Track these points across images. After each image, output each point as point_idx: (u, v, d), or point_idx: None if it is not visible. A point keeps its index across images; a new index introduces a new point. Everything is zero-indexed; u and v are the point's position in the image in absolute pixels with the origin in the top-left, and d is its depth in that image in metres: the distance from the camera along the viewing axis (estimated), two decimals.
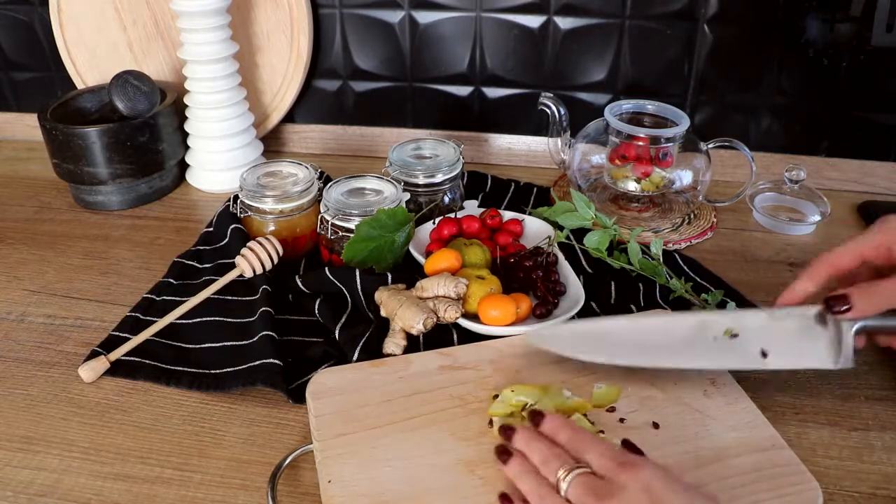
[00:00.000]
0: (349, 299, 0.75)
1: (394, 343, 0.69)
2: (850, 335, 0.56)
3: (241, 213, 0.86)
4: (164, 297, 0.79)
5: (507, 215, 0.86)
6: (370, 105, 1.11)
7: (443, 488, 0.53)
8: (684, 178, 0.90)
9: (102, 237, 0.92)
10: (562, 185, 1.03)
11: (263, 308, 0.73)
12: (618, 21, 0.98)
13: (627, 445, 0.54)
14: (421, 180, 0.87)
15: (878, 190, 1.01)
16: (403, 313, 0.68)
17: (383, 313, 0.71)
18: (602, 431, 0.58)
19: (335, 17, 1.05)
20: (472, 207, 0.89)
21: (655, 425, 0.59)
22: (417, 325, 0.68)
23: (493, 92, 1.07)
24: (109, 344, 0.72)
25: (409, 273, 0.76)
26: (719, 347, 0.59)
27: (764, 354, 0.57)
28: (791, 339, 0.58)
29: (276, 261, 0.79)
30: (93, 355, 0.70)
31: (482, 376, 0.64)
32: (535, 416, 0.54)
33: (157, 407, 0.66)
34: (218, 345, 0.72)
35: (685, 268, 0.82)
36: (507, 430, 0.54)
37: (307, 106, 1.12)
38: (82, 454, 0.61)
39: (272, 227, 0.84)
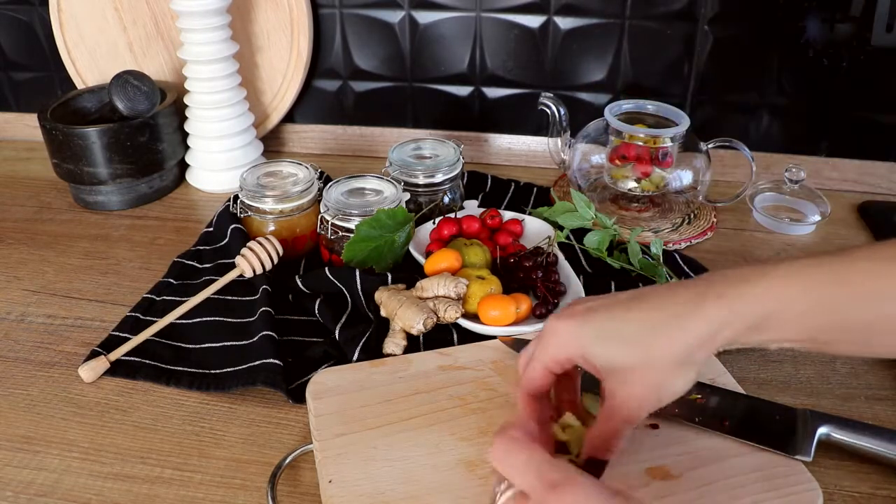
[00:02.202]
0: (349, 299, 0.75)
1: (394, 343, 0.69)
2: (816, 433, 0.57)
3: (241, 213, 0.86)
4: (164, 297, 0.79)
5: (507, 215, 0.86)
6: (370, 105, 1.11)
7: (443, 488, 0.53)
8: (684, 178, 0.90)
9: (102, 237, 0.92)
10: (562, 185, 1.03)
11: (263, 308, 0.73)
12: (618, 21, 0.98)
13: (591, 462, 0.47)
14: (421, 180, 0.87)
15: (878, 190, 1.01)
16: (403, 313, 0.68)
17: (383, 313, 0.71)
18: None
19: (335, 17, 1.05)
20: (472, 207, 0.89)
21: (654, 426, 0.59)
22: (417, 325, 0.68)
23: (493, 92, 1.07)
24: (109, 344, 0.72)
25: (409, 273, 0.76)
26: (684, 402, 0.60)
27: (723, 422, 0.58)
28: (753, 415, 0.59)
29: (276, 261, 0.79)
30: (93, 355, 0.70)
31: (482, 376, 0.64)
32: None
33: (157, 407, 0.66)
34: (218, 345, 0.72)
35: (685, 268, 0.82)
36: None
37: (307, 106, 1.13)
38: (82, 454, 0.61)
39: (272, 227, 0.84)
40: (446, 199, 0.89)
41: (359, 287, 0.74)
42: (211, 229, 0.89)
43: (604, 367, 0.47)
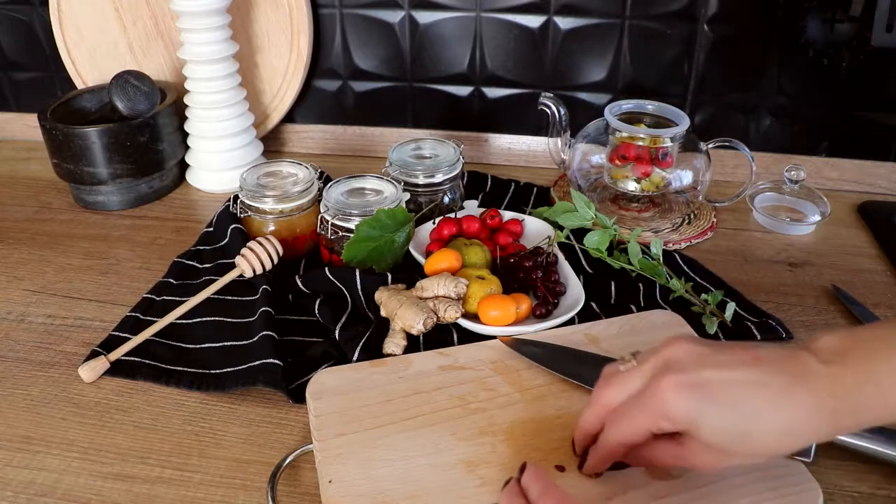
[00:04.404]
0: (349, 299, 0.75)
1: (394, 343, 0.69)
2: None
3: (241, 213, 0.86)
4: (164, 297, 0.79)
5: (507, 215, 0.86)
6: (370, 105, 1.11)
7: (443, 488, 0.53)
8: (684, 178, 0.90)
9: (102, 237, 0.92)
10: (562, 185, 1.03)
11: (263, 308, 0.73)
12: (618, 21, 0.98)
13: None
14: (421, 180, 0.87)
15: (878, 190, 1.01)
16: (403, 313, 0.68)
17: (383, 313, 0.71)
18: None
19: (335, 17, 1.05)
20: (472, 207, 0.89)
21: None
22: (417, 325, 0.68)
23: (493, 92, 1.07)
24: (109, 344, 0.72)
25: (409, 273, 0.76)
26: None
27: None
28: None
29: (276, 261, 0.79)
30: (93, 355, 0.70)
31: (482, 376, 0.64)
32: (521, 468, 0.49)
33: (157, 407, 0.66)
34: (218, 345, 0.72)
35: (685, 268, 0.82)
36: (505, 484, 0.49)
37: (307, 106, 1.13)
38: (82, 454, 0.61)
39: (272, 227, 0.84)
40: (446, 199, 0.89)
41: (359, 287, 0.74)
42: (211, 229, 0.89)
43: (706, 440, 0.45)
